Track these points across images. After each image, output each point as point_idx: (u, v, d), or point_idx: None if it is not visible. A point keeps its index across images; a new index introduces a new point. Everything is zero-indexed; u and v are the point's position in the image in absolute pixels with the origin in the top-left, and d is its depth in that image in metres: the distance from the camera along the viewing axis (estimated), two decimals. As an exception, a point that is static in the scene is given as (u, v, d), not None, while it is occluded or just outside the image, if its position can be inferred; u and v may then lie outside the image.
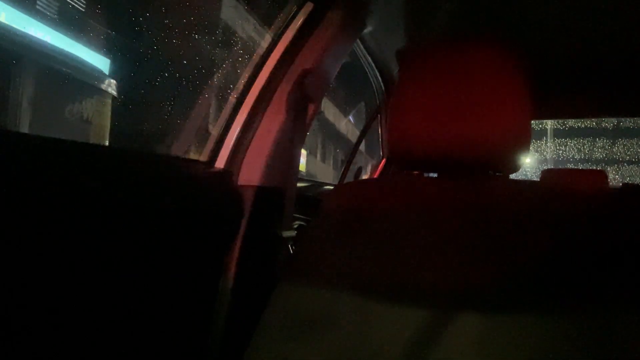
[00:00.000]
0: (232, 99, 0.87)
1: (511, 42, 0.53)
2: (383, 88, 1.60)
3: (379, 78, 1.55)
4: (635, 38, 1.07)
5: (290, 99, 0.85)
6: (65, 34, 3.00)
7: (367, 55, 1.37)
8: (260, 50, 0.88)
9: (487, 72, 0.52)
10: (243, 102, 0.85)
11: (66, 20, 3.07)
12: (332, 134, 12.14)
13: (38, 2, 2.79)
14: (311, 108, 0.90)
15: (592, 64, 1.27)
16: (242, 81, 0.87)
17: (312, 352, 0.47)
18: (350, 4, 0.90)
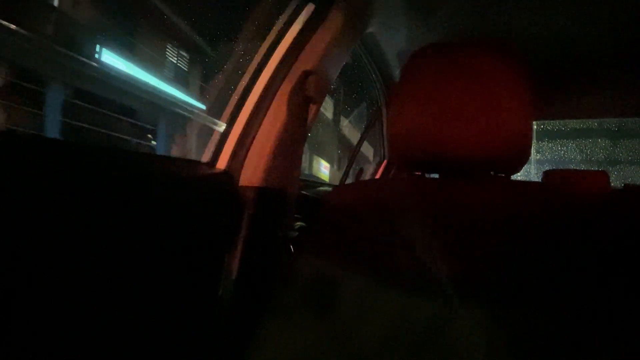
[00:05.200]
0: (234, 99, 0.87)
1: (512, 43, 0.53)
2: (384, 89, 1.60)
3: (380, 79, 1.55)
4: (635, 38, 1.07)
5: (291, 99, 0.85)
6: (179, 88, 5.44)
7: (369, 56, 1.37)
8: (262, 51, 0.88)
9: (488, 73, 0.52)
10: (244, 102, 0.85)
11: (177, 78, 5.63)
12: (346, 146, 12.52)
13: (165, 71, 5.47)
14: (312, 109, 0.90)
15: (593, 65, 1.27)
16: (244, 82, 0.87)
17: (312, 352, 0.47)
18: (351, 5, 0.90)
